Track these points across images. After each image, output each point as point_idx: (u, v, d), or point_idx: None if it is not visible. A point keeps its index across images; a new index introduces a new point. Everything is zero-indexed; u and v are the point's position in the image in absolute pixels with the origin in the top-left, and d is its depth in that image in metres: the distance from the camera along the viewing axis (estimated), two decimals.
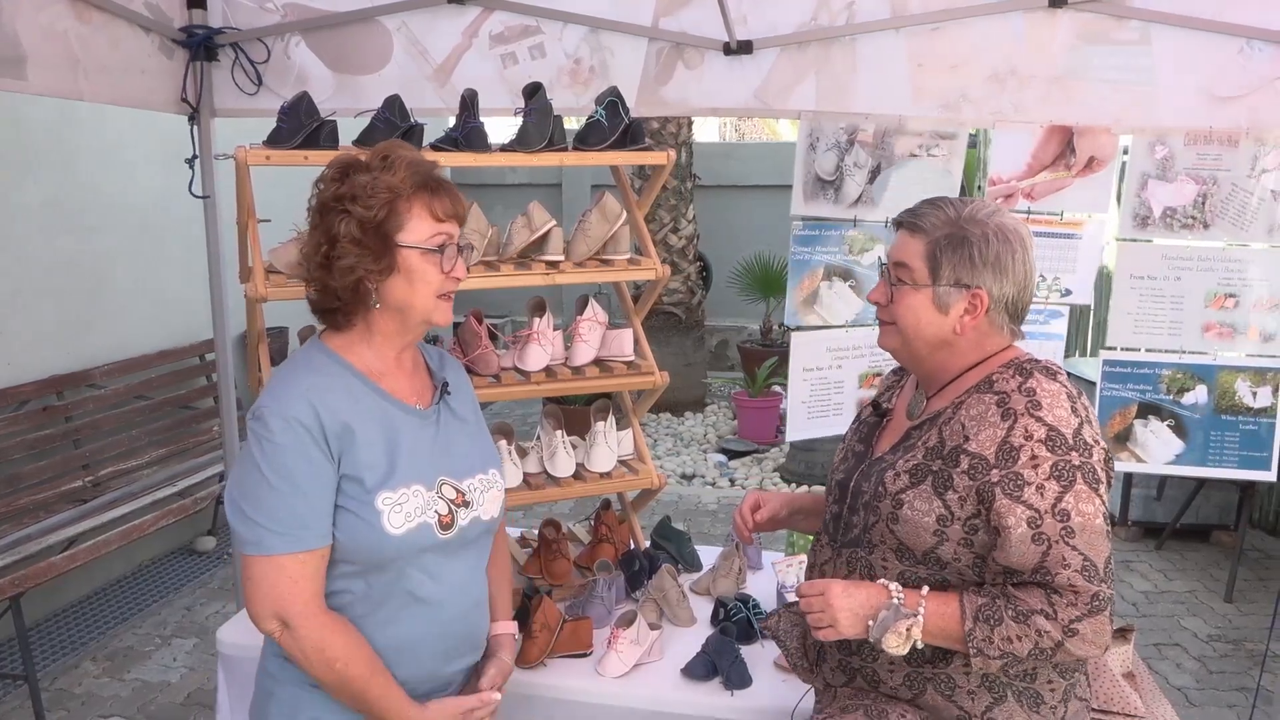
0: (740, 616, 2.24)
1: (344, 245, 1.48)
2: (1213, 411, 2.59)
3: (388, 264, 1.50)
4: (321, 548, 1.47)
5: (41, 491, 3.92)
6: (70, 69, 2.30)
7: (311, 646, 1.46)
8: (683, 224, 7.59)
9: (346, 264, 1.49)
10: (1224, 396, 2.58)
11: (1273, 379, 2.57)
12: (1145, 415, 2.61)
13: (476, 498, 1.61)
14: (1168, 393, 2.59)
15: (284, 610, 1.44)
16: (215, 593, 4.31)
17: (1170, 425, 2.60)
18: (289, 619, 1.45)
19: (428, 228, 1.51)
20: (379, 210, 1.47)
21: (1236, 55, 2.38)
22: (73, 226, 4.26)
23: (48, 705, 3.37)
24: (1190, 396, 2.59)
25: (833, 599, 1.43)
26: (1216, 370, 2.58)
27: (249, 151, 2.16)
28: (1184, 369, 2.59)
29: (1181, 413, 2.59)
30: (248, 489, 1.45)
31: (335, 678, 1.48)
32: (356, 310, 1.54)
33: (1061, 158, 2.56)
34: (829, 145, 2.69)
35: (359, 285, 1.51)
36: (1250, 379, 2.57)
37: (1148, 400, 2.61)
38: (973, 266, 1.46)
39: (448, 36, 2.68)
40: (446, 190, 1.54)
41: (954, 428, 1.44)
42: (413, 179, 1.50)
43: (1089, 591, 1.34)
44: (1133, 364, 2.62)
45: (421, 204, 1.51)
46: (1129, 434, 2.62)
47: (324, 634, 1.46)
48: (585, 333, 2.51)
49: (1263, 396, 2.57)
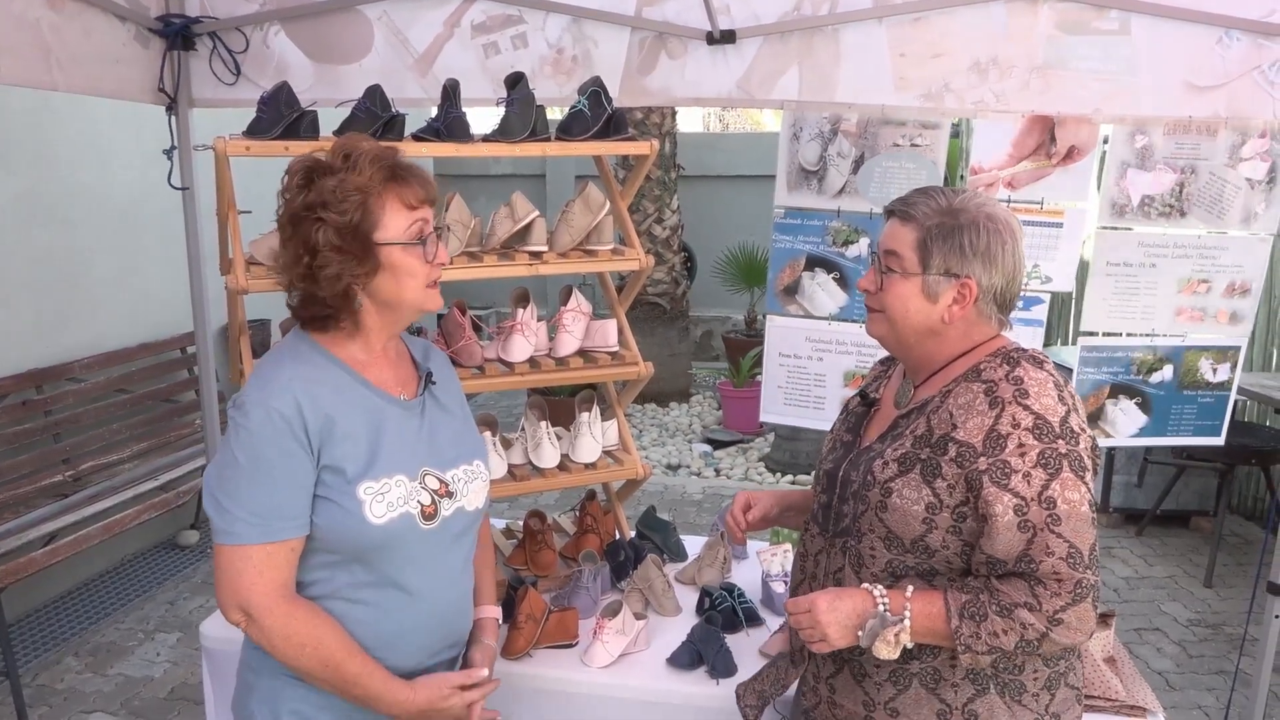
0: (725, 606, 2.25)
1: (325, 254, 1.47)
2: (1176, 388, 2.68)
3: (372, 265, 1.49)
4: (291, 539, 1.46)
5: (21, 486, 3.89)
6: (43, 58, 2.26)
7: (278, 635, 1.45)
8: (667, 214, 7.59)
9: (331, 272, 1.47)
10: (1188, 374, 2.67)
11: (1233, 356, 2.66)
12: (1116, 395, 2.69)
13: (460, 488, 1.60)
14: (1138, 373, 2.67)
15: (246, 601, 1.44)
16: (198, 587, 4.29)
17: (1137, 402, 2.70)
18: (251, 610, 1.44)
19: (404, 219, 1.50)
20: (353, 213, 1.46)
21: (1215, 45, 2.40)
22: (50, 219, 4.21)
23: (30, 701, 3.35)
24: (1158, 376, 2.67)
25: (819, 615, 1.44)
26: (1184, 351, 2.67)
27: (228, 142, 2.14)
28: (1154, 350, 2.67)
29: (1148, 390, 2.69)
30: (224, 478, 1.45)
31: (309, 663, 1.47)
32: (344, 313, 1.53)
33: (1042, 147, 2.57)
34: (812, 135, 2.69)
35: (347, 290, 1.50)
36: (1213, 356, 2.66)
37: (1119, 381, 2.69)
38: (963, 256, 1.47)
39: (429, 26, 2.66)
40: (414, 176, 1.52)
41: (942, 416, 1.45)
42: (380, 173, 1.48)
43: (1073, 579, 1.35)
44: (1108, 348, 2.68)
45: (393, 197, 1.49)
46: (1100, 413, 2.71)
47: (288, 622, 1.45)
48: (569, 323, 2.50)
49: (1222, 372, 2.67)
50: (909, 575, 1.47)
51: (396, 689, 1.52)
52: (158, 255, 4.79)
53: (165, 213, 4.53)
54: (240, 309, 2.34)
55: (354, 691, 1.50)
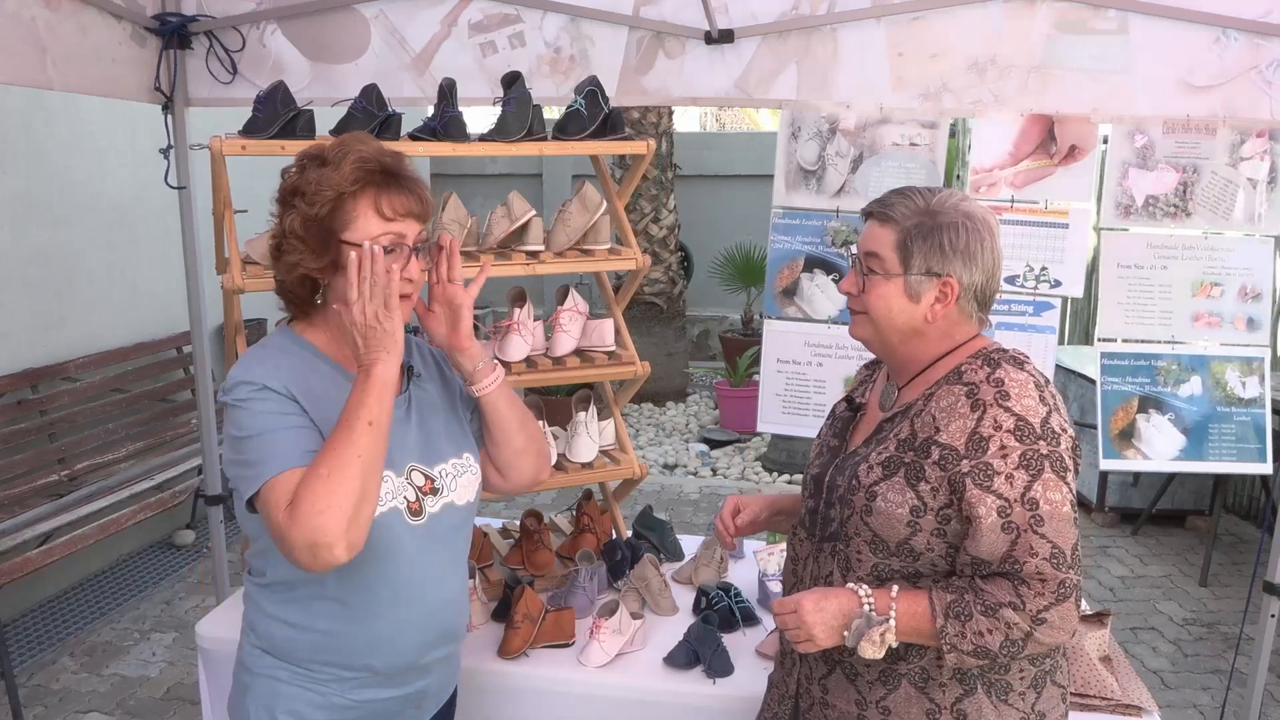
0: (722, 605, 2.25)
1: (290, 240, 1.48)
2: (1209, 403, 2.58)
3: (330, 261, 1.47)
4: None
5: (17, 486, 3.88)
6: (38, 57, 2.26)
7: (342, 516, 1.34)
8: (663, 214, 7.59)
9: (290, 260, 1.49)
10: (1218, 387, 2.57)
11: (1258, 369, 2.58)
12: (1146, 409, 2.58)
13: (448, 483, 1.60)
14: (1165, 385, 2.57)
15: (310, 524, 1.33)
16: (194, 587, 4.28)
17: (1171, 419, 2.57)
18: (314, 525, 1.33)
19: (376, 227, 1.46)
20: (321, 207, 1.45)
21: (1213, 45, 2.40)
22: (45, 218, 4.20)
23: (25, 701, 3.34)
24: (1186, 388, 2.57)
25: (805, 615, 1.45)
26: (1209, 361, 2.58)
27: (224, 141, 2.13)
28: (1178, 360, 2.58)
29: (1180, 406, 2.57)
30: (235, 450, 1.44)
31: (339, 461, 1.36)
32: (307, 304, 1.54)
33: (1043, 146, 2.57)
34: (810, 135, 2.69)
35: (303, 280, 1.50)
36: (1239, 369, 2.57)
37: (1147, 394, 2.58)
38: (943, 255, 1.47)
39: (426, 25, 2.65)
40: (401, 187, 1.48)
41: (925, 419, 1.46)
42: (358, 175, 1.45)
43: (1056, 579, 1.36)
44: (1130, 356, 2.58)
45: (368, 202, 1.46)
46: (1132, 430, 2.58)
47: (312, 499, 1.33)
48: (566, 323, 2.50)
49: (1251, 387, 2.58)
50: (895, 578, 1.47)
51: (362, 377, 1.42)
52: (153, 254, 4.78)
53: (160, 212, 4.53)
54: (236, 308, 2.34)
55: (361, 414, 1.39)
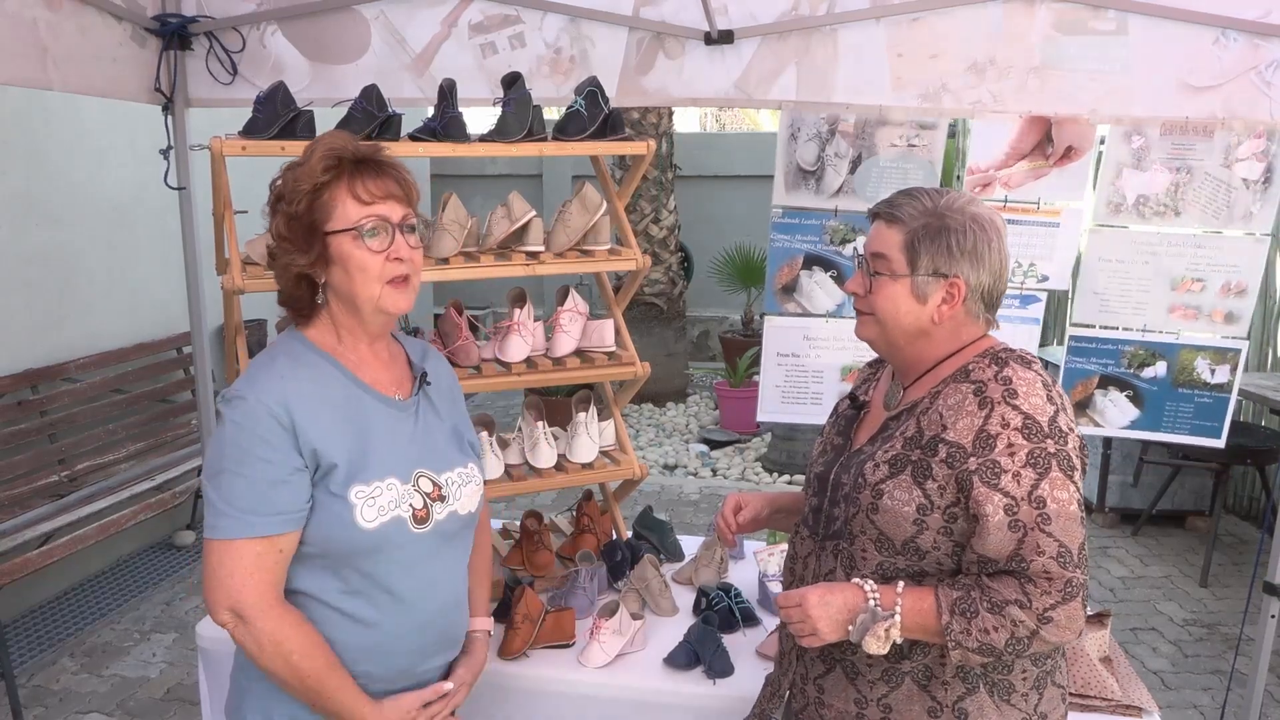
0: (722, 605, 2.25)
1: (280, 244, 1.50)
2: (1171, 385, 2.67)
3: (319, 255, 1.49)
4: (279, 534, 1.44)
5: (17, 486, 3.88)
6: (38, 57, 2.26)
7: (268, 639, 1.44)
8: (663, 214, 7.59)
9: (283, 262, 1.51)
10: (1183, 372, 2.66)
11: (1232, 359, 2.65)
12: (1105, 386, 2.70)
13: (454, 491, 1.60)
14: (1129, 367, 2.68)
15: (238, 602, 1.42)
16: (194, 587, 4.29)
17: (1128, 395, 2.69)
18: (243, 611, 1.43)
19: (355, 212, 1.48)
20: (298, 203, 1.47)
21: (1211, 45, 2.40)
22: (44, 219, 4.20)
23: (25, 702, 3.34)
24: (1150, 371, 2.67)
25: (810, 609, 1.44)
26: (1179, 348, 2.66)
27: (224, 142, 2.14)
28: (1146, 346, 2.66)
29: (1140, 385, 2.68)
30: (213, 472, 1.45)
31: (291, 673, 1.46)
32: (307, 305, 1.55)
33: (1040, 147, 2.58)
34: (810, 135, 2.69)
35: (300, 281, 1.52)
36: (1210, 357, 2.65)
37: (1109, 373, 2.69)
38: (950, 256, 1.47)
39: (426, 26, 2.66)
40: (374, 170, 1.50)
41: (932, 417, 1.45)
42: (328, 164, 1.48)
43: (1063, 578, 1.35)
44: (1097, 340, 2.68)
45: (343, 189, 1.48)
46: (1089, 402, 2.71)
47: (280, 626, 1.44)
48: (566, 323, 2.50)
49: (1220, 374, 2.65)
50: (900, 577, 1.47)
51: (365, 708, 1.51)
52: (153, 255, 4.78)
53: (160, 212, 4.53)
54: (236, 309, 2.34)
55: (327, 704, 1.49)
